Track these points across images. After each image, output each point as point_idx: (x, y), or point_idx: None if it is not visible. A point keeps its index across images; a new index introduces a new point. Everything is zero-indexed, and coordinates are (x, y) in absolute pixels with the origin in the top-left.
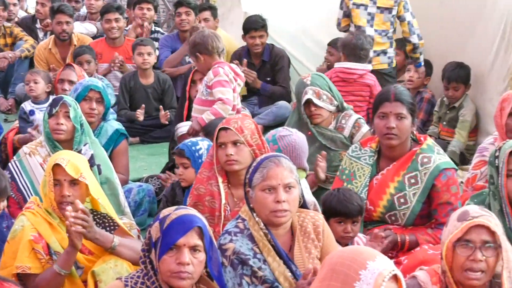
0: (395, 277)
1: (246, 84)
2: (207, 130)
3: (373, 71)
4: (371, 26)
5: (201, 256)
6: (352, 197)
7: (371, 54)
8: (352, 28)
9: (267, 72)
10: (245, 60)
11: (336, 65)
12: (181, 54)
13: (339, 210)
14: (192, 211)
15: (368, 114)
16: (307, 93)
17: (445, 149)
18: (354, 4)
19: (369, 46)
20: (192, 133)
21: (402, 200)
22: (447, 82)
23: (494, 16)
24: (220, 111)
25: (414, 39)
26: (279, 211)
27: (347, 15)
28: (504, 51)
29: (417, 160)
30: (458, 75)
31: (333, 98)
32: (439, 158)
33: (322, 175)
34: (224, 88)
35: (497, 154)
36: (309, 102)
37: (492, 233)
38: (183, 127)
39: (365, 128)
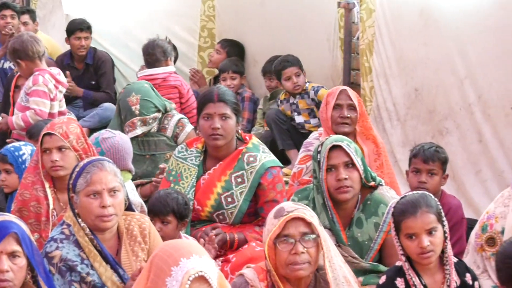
0: (204, 278)
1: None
2: (30, 133)
3: None
4: None
5: (21, 261)
6: (167, 196)
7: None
8: None
9: (91, 75)
10: (68, 73)
11: (139, 75)
12: None
13: (166, 212)
14: (9, 217)
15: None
16: (135, 126)
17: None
18: None
19: (157, 51)
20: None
21: (229, 199)
22: (263, 74)
23: (319, 17)
24: (30, 120)
25: None
26: (105, 216)
27: None
28: (330, 53)
29: (243, 159)
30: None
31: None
32: (265, 156)
33: None
34: (39, 98)
35: (319, 149)
36: None
37: (309, 224)
38: None
39: (189, 127)
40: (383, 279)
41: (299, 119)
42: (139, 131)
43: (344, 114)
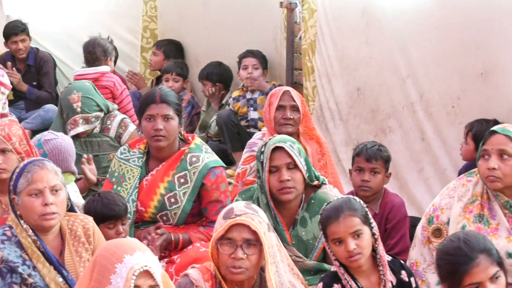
0: (149, 273)
1: (13, 88)
2: None
3: None
4: None
5: None
6: (115, 198)
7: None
8: None
9: (32, 76)
10: (9, 63)
11: (75, 73)
12: None
13: (107, 214)
14: None
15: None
16: (77, 123)
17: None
18: None
19: (98, 49)
20: None
21: (172, 200)
22: (199, 79)
23: (264, 17)
24: None
25: None
26: (48, 214)
27: None
28: (276, 53)
29: (185, 159)
30: (213, 73)
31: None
32: (208, 156)
33: (92, 178)
34: None
35: (262, 149)
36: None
37: (254, 232)
38: None
39: (132, 127)
40: (320, 286)
41: (253, 115)
42: (81, 128)
43: (287, 115)
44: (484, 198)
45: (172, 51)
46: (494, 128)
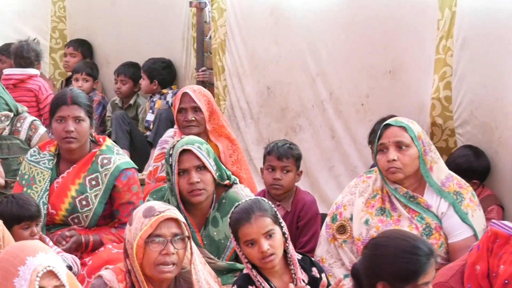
0: (53, 273)
1: None
2: None
3: None
4: None
5: None
6: (29, 199)
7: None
8: None
9: None
10: None
11: (4, 72)
12: None
13: (23, 215)
14: None
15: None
16: None
17: None
18: None
19: (32, 54)
20: None
21: (84, 202)
22: (116, 75)
23: (173, 16)
24: None
25: None
26: None
27: None
28: (184, 52)
29: (97, 161)
30: (128, 70)
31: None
32: (119, 158)
33: (1, 181)
34: None
35: (171, 152)
36: None
37: (180, 225)
38: None
39: (42, 129)
40: None
41: (149, 117)
42: None
43: (188, 118)
44: (384, 192)
45: (88, 52)
46: (388, 121)
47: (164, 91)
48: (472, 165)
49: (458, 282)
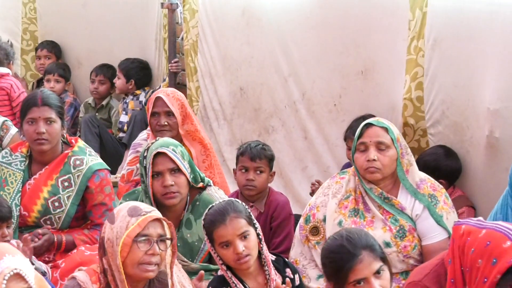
0: (20, 276)
1: None
2: None
3: None
4: None
5: None
6: (0, 201)
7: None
8: None
9: None
10: None
11: None
12: None
13: None
14: None
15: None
16: None
17: None
18: None
19: (1, 51)
20: None
21: (56, 204)
22: (95, 75)
23: (145, 18)
24: None
25: None
26: None
27: None
28: (156, 53)
29: (69, 162)
30: (106, 71)
31: None
32: (91, 159)
33: None
34: None
35: (145, 154)
36: None
37: (163, 227)
38: None
39: (14, 129)
40: None
41: (123, 118)
42: None
43: (161, 122)
44: (357, 193)
45: (61, 52)
46: (369, 120)
47: (137, 92)
48: (440, 164)
49: (433, 281)
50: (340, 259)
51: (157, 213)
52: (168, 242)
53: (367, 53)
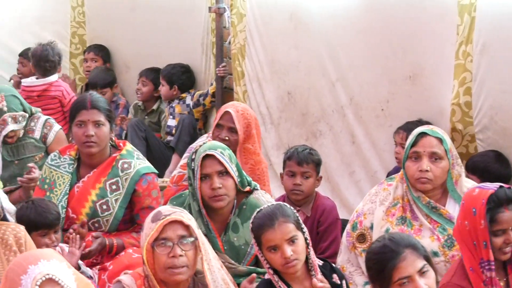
0: (54, 281)
1: None
2: None
3: None
4: None
5: None
6: (49, 206)
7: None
8: None
9: None
10: None
11: (22, 82)
12: None
13: (40, 222)
14: None
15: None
16: (7, 122)
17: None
18: None
19: (57, 58)
20: None
21: (104, 207)
22: (139, 76)
23: (192, 21)
24: None
25: None
26: None
27: None
28: (206, 56)
29: (117, 166)
30: (150, 73)
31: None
32: (139, 163)
33: (31, 193)
34: None
35: (193, 157)
36: None
37: (187, 227)
38: None
39: (57, 126)
40: None
41: (170, 122)
42: (11, 127)
43: (222, 136)
44: (405, 201)
45: (108, 56)
46: (424, 130)
47: (183, 95)
48: (489, 167)
49: (461, 278)
50: (384, 258)
51: (177, 215)
52: (189, 240)
53: (415, 58)
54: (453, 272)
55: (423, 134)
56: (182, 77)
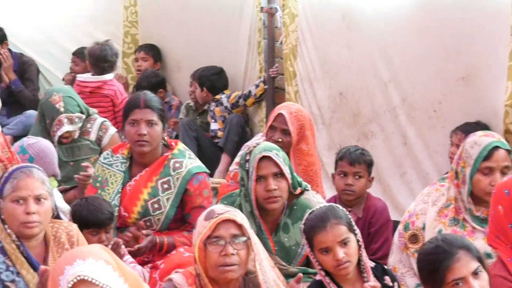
0: (85, 281)
1: None
2: None
3: None
4: None
5: None
6: (101, 205)
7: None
8: None
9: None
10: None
11: (78, 77)
12: None
13: (91, 221)
14: None
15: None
16: (62, 123)
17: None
18: None
19: (115, 57)
20: None
21: (156, 206)
22: (192, 79)
23: (242, 21)
24: None
25: None
26: (29, 222)
27: None
28: (252, 55)
29: (169, 165)
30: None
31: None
32: (191, 162)
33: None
34: None
35: (247, 158)
36: None
37: (239, 226)
38: None
39: (113, 129)
40: None
41: (213, 126)
42: (66, 128)
43: (275, 138)
44: (458, 203)
45: (159, 55)
46: (496, 142)
47: (217, 97)
48: None
49: (502, 270)
50: (437, 259)
51: (230, 214)
52: (242, 239)
53: (469, 59)
54: (494, 265)
55: (496, 148)
56: (211, 78)
